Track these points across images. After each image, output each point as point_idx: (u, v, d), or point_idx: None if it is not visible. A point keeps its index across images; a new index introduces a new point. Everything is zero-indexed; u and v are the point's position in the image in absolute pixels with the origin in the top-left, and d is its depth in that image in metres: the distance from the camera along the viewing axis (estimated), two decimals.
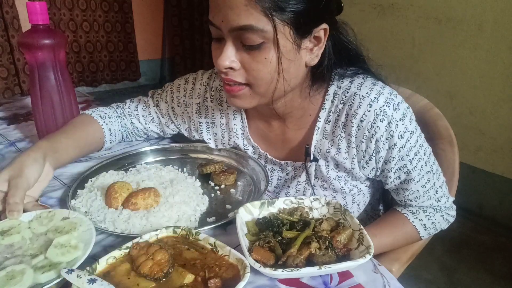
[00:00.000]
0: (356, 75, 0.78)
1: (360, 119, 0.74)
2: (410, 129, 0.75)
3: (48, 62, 0.89)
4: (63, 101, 0.93)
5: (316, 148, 0.81)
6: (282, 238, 0.62)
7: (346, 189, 0.84)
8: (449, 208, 0.86)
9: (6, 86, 3.20)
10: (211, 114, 0.92)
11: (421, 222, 0.83)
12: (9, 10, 3.07)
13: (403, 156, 0.76)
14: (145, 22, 4.19)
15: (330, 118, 0.79)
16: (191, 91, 0.93)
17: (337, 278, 0.57)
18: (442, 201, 0.84)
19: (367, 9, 2.51)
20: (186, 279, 0.53)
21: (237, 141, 0.90)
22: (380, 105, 0.73)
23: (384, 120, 0.73)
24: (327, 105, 0.79)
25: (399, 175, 0.79)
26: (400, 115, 0.74)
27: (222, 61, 0.68)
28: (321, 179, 0.84)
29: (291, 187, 0.87)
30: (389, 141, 0.75)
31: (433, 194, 0.82)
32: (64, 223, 0.64)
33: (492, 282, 1.74)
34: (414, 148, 0.76)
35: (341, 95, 0.77)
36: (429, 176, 0.80)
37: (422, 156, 0.78)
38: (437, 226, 0.85)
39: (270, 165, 0.90)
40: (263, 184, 0.80)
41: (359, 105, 0.74)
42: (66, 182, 0.84)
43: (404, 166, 0.78)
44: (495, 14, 1.95)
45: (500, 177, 2.10)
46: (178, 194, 0.75)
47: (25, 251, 0.59)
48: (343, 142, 0.78)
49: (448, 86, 2.21)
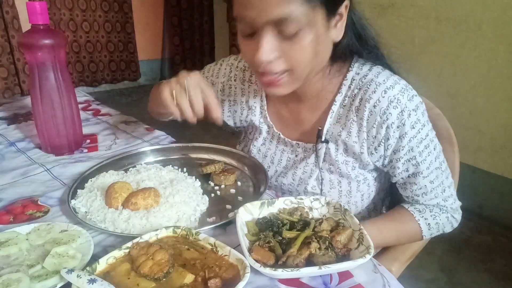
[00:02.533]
0: (375, 65, 0.80)
1: (373, 104, 0.75)
2: (422, 122, 0.76)
3: (48, 62, 0.89)
4: (63, 101, 0.93)
5: (329, 131, 0.83)
6: (282, 238, 0.62)
7: (352, 175, 0.84)
8: (455, 210, 0.85)
9: (6, 86, 3.20)
10: (233, 92, 0.96)
11: (426, 221, 0.82)
12: (9, 10, 3.08)
13: (413, 147, 0.77)
14: (145, 22, 4.19)
15: (346, 102, 0.80)
16: (218, 71, 0.99)
17: (337, 278, 0.57)
18: (449, 202, 0.83)
19: (367, 9, 2.49)
20: (186, 279, 0.53)
21: (253, 118, 0.93)
22: (395, 93, 0.74)
23: (397, 107, 0.74)
24: (343, 90, 0.80)
25: (407, 167, 0.79)
26: (413, 106, 0.75)
27: (261, 57, 0.67)
28: (329, 163, 0.85)
29: (299, 167, 0.88)
30: (400, 130, 0.75)
31: (441, 192, 0.82)
32: (62, 235, 0.63)
33: (492, 282, 1.74)
34: (425, 141, 0.77)
35: (358, 80, 0.79)
36: (438, 173, 0.80)
37: (432, 150, 0.78)
38: (440, 228, 0.84)
39: (281, 146, 0.92)
40: (263, 184, 0.80)
41: (374, 91, 0.75)
42: (66, 182, 0.84)
43: (413, 157, 0.78)
44: (495, 14, 1.95)
45: (500, 177, 2.10)
46: (178, 194, 0.74)
47: (22, 262, 0.58)
48: (355, 125, 0.79)
49: (448, 86, 2.21)
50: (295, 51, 0.68)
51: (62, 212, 0.73)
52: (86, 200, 0.74)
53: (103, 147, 1.02)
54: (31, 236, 0.63)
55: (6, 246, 0.60)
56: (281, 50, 0.68)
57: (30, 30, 0.88)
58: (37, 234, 0.63)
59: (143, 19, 4.16)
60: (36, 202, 0.76)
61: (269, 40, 0.67)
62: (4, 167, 0.90)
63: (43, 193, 0.79)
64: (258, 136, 0.94)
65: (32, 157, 0.95)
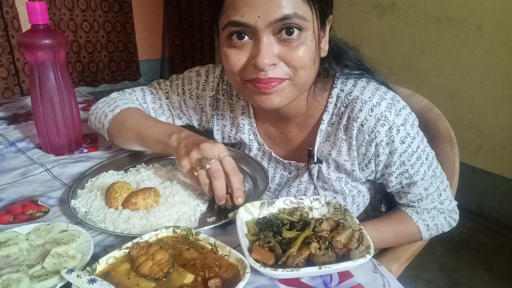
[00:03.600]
0: (359, 78, 0.78)
1: (361, 123, 0.74)
2: (412, 135, 0.75)
3: (48, 62, 0.89)
4: (63, 101, 0.93)
5: (319, 150, 0.82)
6: (282, 238, 0.61)
7: (346, 191, 0.84)
8: (451, 211, 0.86)
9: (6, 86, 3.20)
10: (221, 107, 0.93)
11: (424, 222, 0.83)
12: (9, 10, 3.07)
13: (405, 161, 0.76)
14: (145, 22, 4.19)
15: (333, 120, 0.79)
16: (204, 83, 0.93)
17: (337, 278, 0.57)
18: (446, 204, 0.84)
19: (367, 9, 2.51)
20: (186, 279, 0.53)
21: (243, 136, 0.91)
22: (382, 110, 0.73)
23: (385, 125, 0.73)
24: (330, 108, 0.79)
25: (400, 180, 0.79)
26: (401, 121, 0.73)
27: (264, 59, 0.64)
28: (322, 180, 0.84)
29: (292, 186, 0.88)
30: (389, 146, 0.75)
31: (437, 197, 0.82)
32: (62, 235, 0.63)
33: (492, 282, 1.74)
34: (416, 153, 0.76)
35: (343, 98, 0.77)
36: (433, 180, 0.80)
37: (424, 161, 0.78)
38: (439, 228, 0.85)
39: (273, 163, 0.91)
40: (263, 184, 0.80)
41: (360, 109, 0.74)
42: (66, 182, 0.84)
43: (406, 171, 0.78)
44: (495, 14, 1.95)
45: (500, 177, 2.10)
46: (178, 194, 0.74)
47: (22, 262, 0.58)
48: (344, 144, 0.78)
49: (448, 86, 2.21)
50: (295, 54, 0.66)
51: (62, 212, 0.73)
52: (86, 200, 0.74)
53: (103, 147, 1.02)
54: (31, 236, 0.63)
55: (6, 246, 0.60)
56: (281, 54, 0.66)
57: (30, 30, 0.88)
58: (37, 234, 0.63)
59: (143, 19, 4.15)
60: (36, 202, 0.76)
61: (270, 43, 0.65)
62: (4, 167, 0.90)
63: (43, 193, 0.79)
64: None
65: (32, 157, 0.95)
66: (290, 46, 0.66)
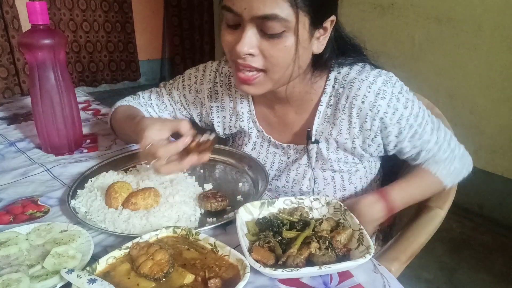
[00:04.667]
0: (355, 63, 0.82)
1: (361, 100, 0.78)
2: (411, 98, 0.80)
3: (48, 62, 0.89)
4: (63, 101, 0.93)
5: (318, 131, 0.84)
6: (282, 238, 0.62)
7: (344, 169, 0.87)
8: (463, 155, 0.91)
9: (6, 86, 3.20)
10: (220, 98, 0.95)
11: (442, 171, 0.87)
12: (9, 10, 3.07)
13: (412, 124, 0.80)
14: (145, 22, 4.19)
15: (331, 102, 0.82)
16: (202, 77, 0.97)
17: (337, 278, 0.57)
18: (456, 151, 0.89)
19: (367, 9, 2.51)
20: (186, 279, 0.53)
21: (242, 124, 0.93)
22: (379, 85, 0.77)
23: (385, 97, 0.77)
24: (328, 90, 0.82)
25: (414, 144, 0.83)
26: (398, 89, 0.78)
27: (242, 47, 0.68)
28: (321, 161, 0.86)
29: (292, 169, 0.89)
30: (395, 115, 0.78)
31: (447, 146, 0.86)
32: (62, 235, 0.63)
33: (492, 282, 1.74)
34: (420, 113, 0.81)
35: (341, 79, 0.81)
36: (439, 133, 0.85)
37: (427, 118, 0.83)
38: (458, 173, 0.90)
39: (272, 149, 0.92)
40: (263, 184, 0.80)
41: (359, 87, 0.78)
42: (66, 182, 0.84)
43: (416, 132, 0.81)
44: (495, 14, 1.95)
45: (500, 177, 2.10)
46: (178, 194, 0.74)
47: (22, 262, 0.58)
48: (344, 123, 0.81)
49: (448, 86, 2.21)
50: (275, 51, 0.69)
51: (62, 212, 0.73)
52: (86, 200, 0.74)
53: (103, 147, 1.02)
54: (31, 236, 0.63)
55: (6, 246, 0.60)
56: (261, 47, 0.69)
57: (30, 30, 0.88)
58: (37, 234, 0.63)
59: (143, 19, 4.15)
60: (36, 202, 0.76)
61: (252, 35, 0.68)
62: (4, 167, 0.90)
63: (43, 193, 0.79)
64: (247, 141, 0.94)
65: (32, 157, 0.95)
66: (271, 42, 0.69)
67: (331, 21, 0.73)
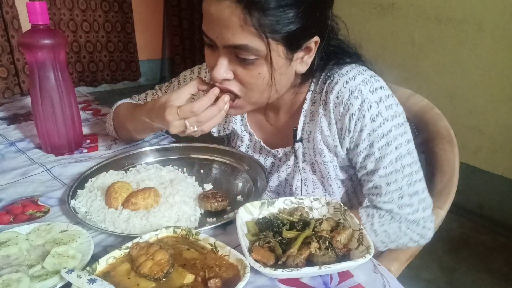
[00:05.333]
0: (348, 63, 0.78)
1: (336, 95, 0.74)
2: (385, 116, 0.73)
3: (48, 62, 0.89)
4: (63, 101, 0.93)
5: (305, 130, 0.83)
6: (282, 238, 0.62)
7: (332, 175, 0.84)
8: (412, 222, 0.79)
9: (6, 86, 3.20)
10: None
11: (372, 226, 0.79)
12: (9, 10, 3.07)
13: (373, 142, 0.74)
14: (145, 22, 4.19)
15: (315, 98, 0.80)
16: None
17: (337, 278, 0.57)
18: (405, 211, 0.77)
19: (367, 9, 2.51)
20: (186, 279, 0.53)
21: (235, 126, 0.93)
22: (357, 83, 0.73)
23: (358, 98, 0.72)
24: (312, 87, 0.81)
25: (366, 164, 0.77)
26: (375, 98, 0.73)
27: (217, 74, 0.70)
28: (309, 162, 0.85)
29: (281, 170, 0.90)
30: (360, 122, 0.73)
31: (397, 198, 0.77)
32: (62, 235, 0.63)
33: (492, 282, 1.74)
34: (386, 137, 0.74)
35: (324, 75, 0.78)
36: (397, 177, 0.76)
37: (394, 150, 0.74)
38: (393, 238, 0.80)
39: (264, 153, 0.93)
40: (263, 184, 0.80)
41: (336, 82, 0.74)
42: (66, 182, 0.84)
43: (372, 153, 0.75)
44: (495, 14, 1.95)
45: (500, 177, 2.10)
46: (178, 194, 0.74)
47: (22, 262, 0.58)
48: (324, 119, 0.78)
49: (448, 86, 2.21)
50: (249, 77, 0.70)
51: (62, 212, 0.73)
52: (86, 200, 0.74)
53: (103, 147, 1.02)
54: (31, 236, 0.63)
55: (6, 246, 0.60)
56: (236, 73, 0.70)
57: (30, 30, 0.88)
58: (37, 234, 0.63)
59: (143, 19, 4.15)
60: (36, 202, 0.76)
61: (225, 62, 0.69)
62: (4, 167, 0.90)
63: (43, 193, 0.79)
64: (240, 144, 0.95)
65: (32, 157, 0.95)
66: (245, 68, 0.69)
67: (314, 42, 0.71)
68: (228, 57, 0.69)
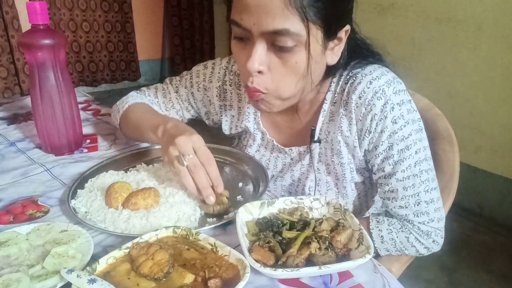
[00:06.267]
0: (371, 63, 0.78)
1: (359, 95, 0.73)
2: (406, 119, 0.73)
3: (48, 62, 0.89)
4: (63, 101, 0.93)
5: (323, 130, 0.81)
6: (282, 238, 0.61)
7: (348, 177, 0.83)
8: (425, 234, 0.77)
9: (6, 86, 3.20)
10: (229, 97, 0.94)
11: (380, 233, 0.79)
12: (9, 10, 3.07)
13: (393, 145, 0.74)
14: (145, 22, 4.19)
15: (336, 99, 0.79)
16: (211, 75, 0.95)
17: (337, 278, 0.57)
18: (421, 219, 0.76)
19: (367, 9, 2.51)
20: (186, 279, 0.53)
21: (248, 124, 0.91)
22: (380, 84, 0.72)
23: (381, 98, 0.72)
24: (333, 87, 0.79)
25: (384, 167, 0.76)
26: (398, 100, 0.73)
27: (252, 65, 0.66)
28: (325, 163, 0.84)
29: (295, 170, 0.88)
30: (382, 123, 0.73)
31: (413, 204, 0.76)
32: (62, 235, 0.63)
33: (492, 282, 1.74)
34: (407, 140, 0.73)
35: (345, 76, 0.77)
36: (415, 182, 0.75)
37: (413, 154, 0.74)
38: (399, 247, 0.79)
39: (275, 152, 0.91)
40: (263, 184, 0.80)
41: (359, 81, 0.74)
42: (66, 182, 0.84)
43: (391, 156, 0.74)
44: (495, 14, 1.95)
45: (500, 177, 2.10)
46: (178, 194, 0.74)
47: (22, 262, 0.58)
48: (345, 119, 0.77)
49: (448, 86, 2.21)
50: (285, 68, 0.68)
51: (62, 212, 0.73)
52: (86, 200, 0.74)
53: (103, 147, 1.02)
54: (31, 236, 0.63)
55: (6, 246, 0.60)
56: (271, 64, 0.68)
57: (30, 30, 0.88)
58: (37, 234, 0.63)
59: (143, 19, 4.16)
60: (36, 202, 0.76)
61: (262, 51, 0.66)
62: (4, 167, 0.90)
63: (43, 193, 0.79)
64: (252, 143, 0.93)
65: (32, 157, 0.95)
66: (282, 57, 0.67)
67: (345, 31, 0.71)
68: (263, 46, 0.66)
